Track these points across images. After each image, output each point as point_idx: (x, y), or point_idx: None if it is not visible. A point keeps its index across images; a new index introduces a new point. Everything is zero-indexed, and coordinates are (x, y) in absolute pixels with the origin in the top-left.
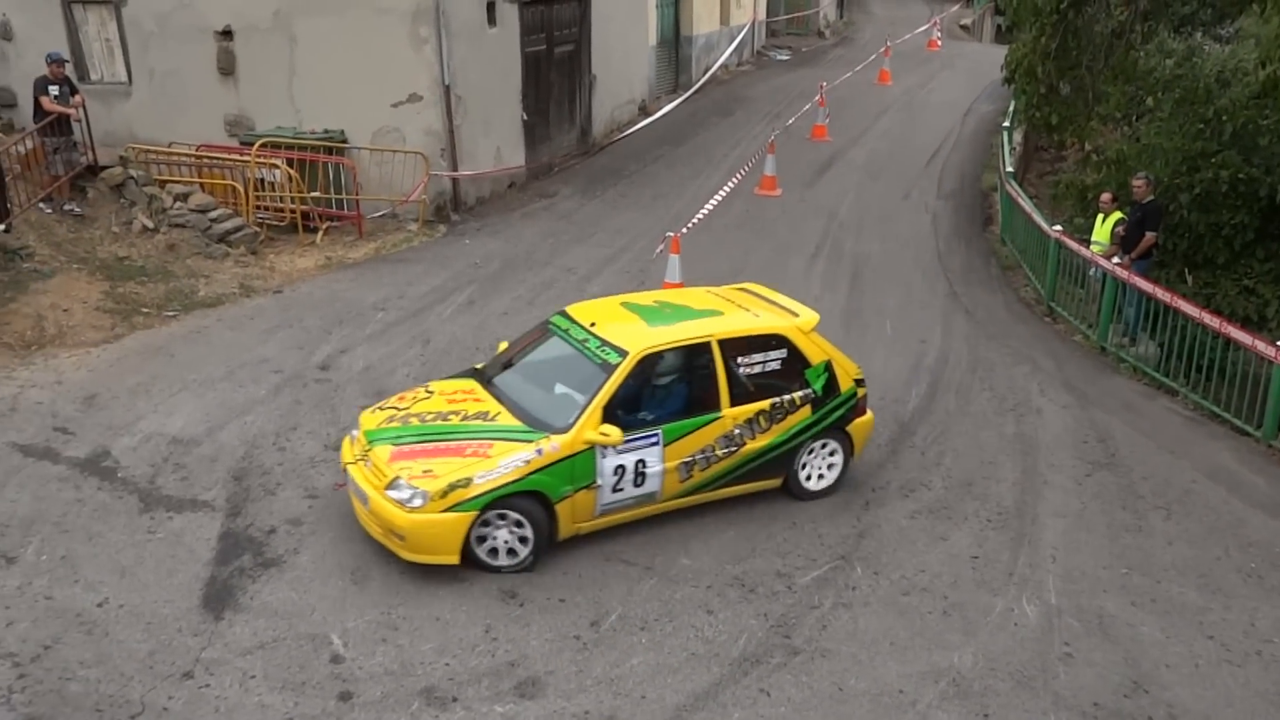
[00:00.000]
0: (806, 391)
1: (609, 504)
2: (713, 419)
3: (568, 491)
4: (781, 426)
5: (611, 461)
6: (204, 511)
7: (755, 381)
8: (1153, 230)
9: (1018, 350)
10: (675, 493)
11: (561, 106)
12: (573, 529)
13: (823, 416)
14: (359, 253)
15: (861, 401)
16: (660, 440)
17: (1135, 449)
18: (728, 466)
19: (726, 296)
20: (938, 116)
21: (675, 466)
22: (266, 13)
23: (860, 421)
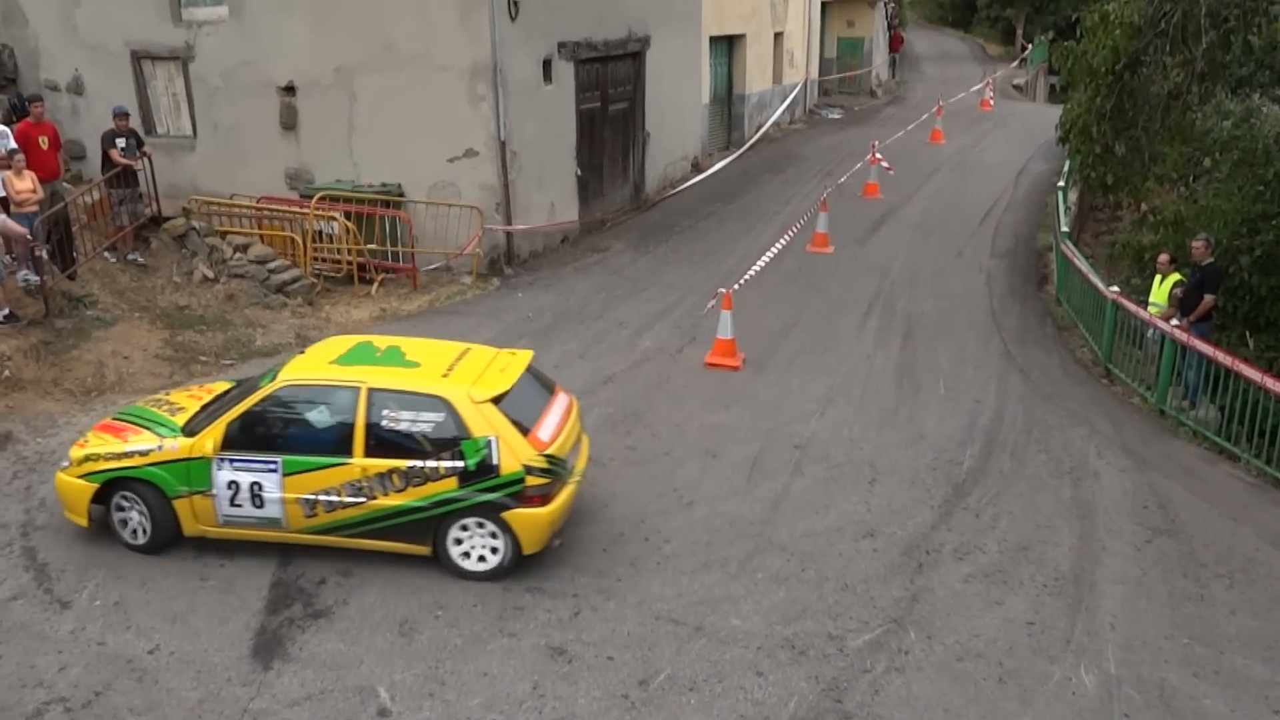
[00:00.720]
0: (456, 463)
1: (230, 516)
2: (340, 464)
3: (184, 492)
4: (420, 491)
5: (225, 475)
6: (256, 559)
7: (400, 439)
8: (1212, 293)
9: (1074, 412)
10: (303, 527)
11: (615, 162)
12: (198, 529)
13: (471, 494)
14: (413, 305)
15: (533, 491)
16: (279, 469)
17: (1196, 515)
18: (356, 516)
19: (475, 357)
20: (991, 176)
21: (296, 499)
22: (328, 69)
23: (528, 514)
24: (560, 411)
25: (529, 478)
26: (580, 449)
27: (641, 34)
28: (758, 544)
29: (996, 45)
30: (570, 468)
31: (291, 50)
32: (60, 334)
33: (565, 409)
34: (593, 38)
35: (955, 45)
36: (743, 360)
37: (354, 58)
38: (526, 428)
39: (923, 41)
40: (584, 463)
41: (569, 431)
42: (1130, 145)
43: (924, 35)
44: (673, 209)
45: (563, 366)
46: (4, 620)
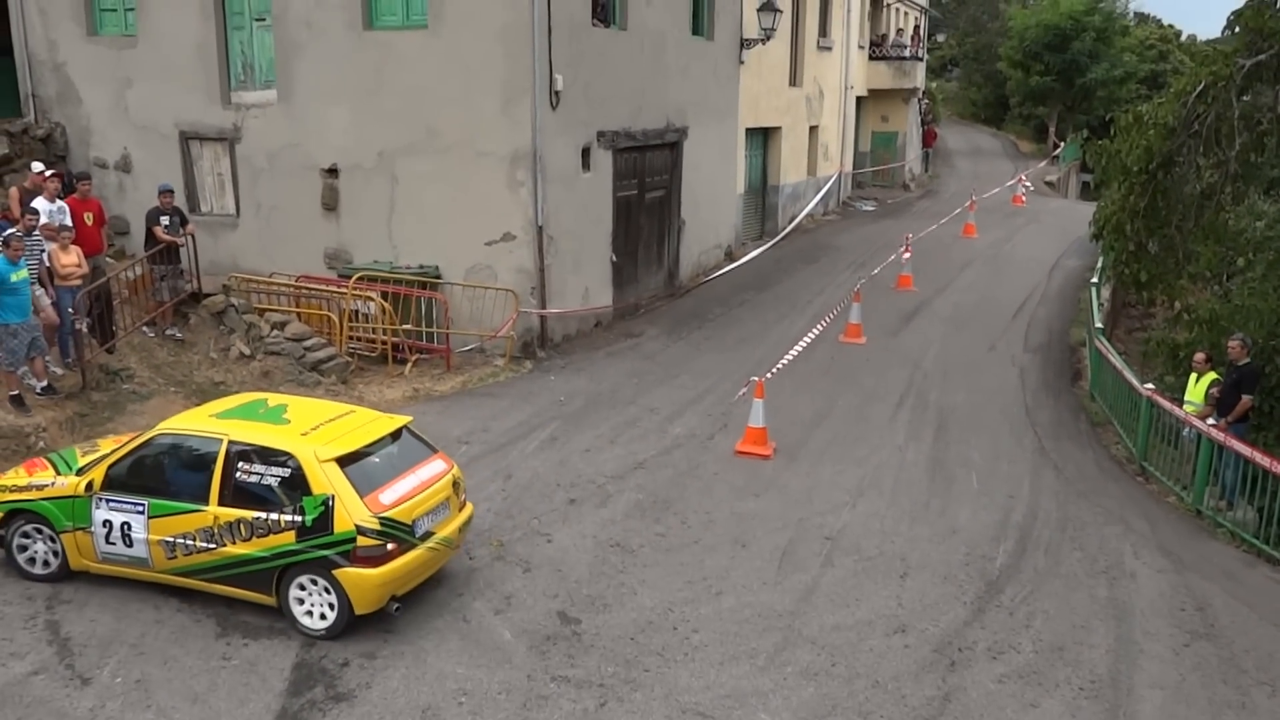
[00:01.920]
0: (295, 518)
1: (107, 553)
2: (196, 510)
3: (69, 526)
4: (262, 542)
5: (101, 514)
6: (279, 640)
7: (251, 490)
8: (1249, 393)
9: (1109, 510)
10: (166, 568)
11: (650, 249)
12: (82, 564)
13: (307, 549)
14: (446, 385)
15: (364, 551)
16: (146, 511)
17: (1236, 619)
18: (209, 561)
19: (349, 420)
20: (1024, 270)
21: (159, 541)
22: (371, 153)
23: (358, 574)
24: (424, 477)
25: (360, 538)
26: (449, 516)
27: (679, 125)
28: (787, 636)
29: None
30: (421, 533)
31: (336, 134)
32: (95, 407)
33: (433, 475)
34: (631, 127)
35: (988, 141)
36: (774, 449)
37: (397, 142)
38: (369, 489)
39: (955, 137)
40: (451, 530)
41: (428, 497)
42: (1164, 243)
43: (957, 131)
44: (706, 296)
45: (594, 451)
46: (24, 695)
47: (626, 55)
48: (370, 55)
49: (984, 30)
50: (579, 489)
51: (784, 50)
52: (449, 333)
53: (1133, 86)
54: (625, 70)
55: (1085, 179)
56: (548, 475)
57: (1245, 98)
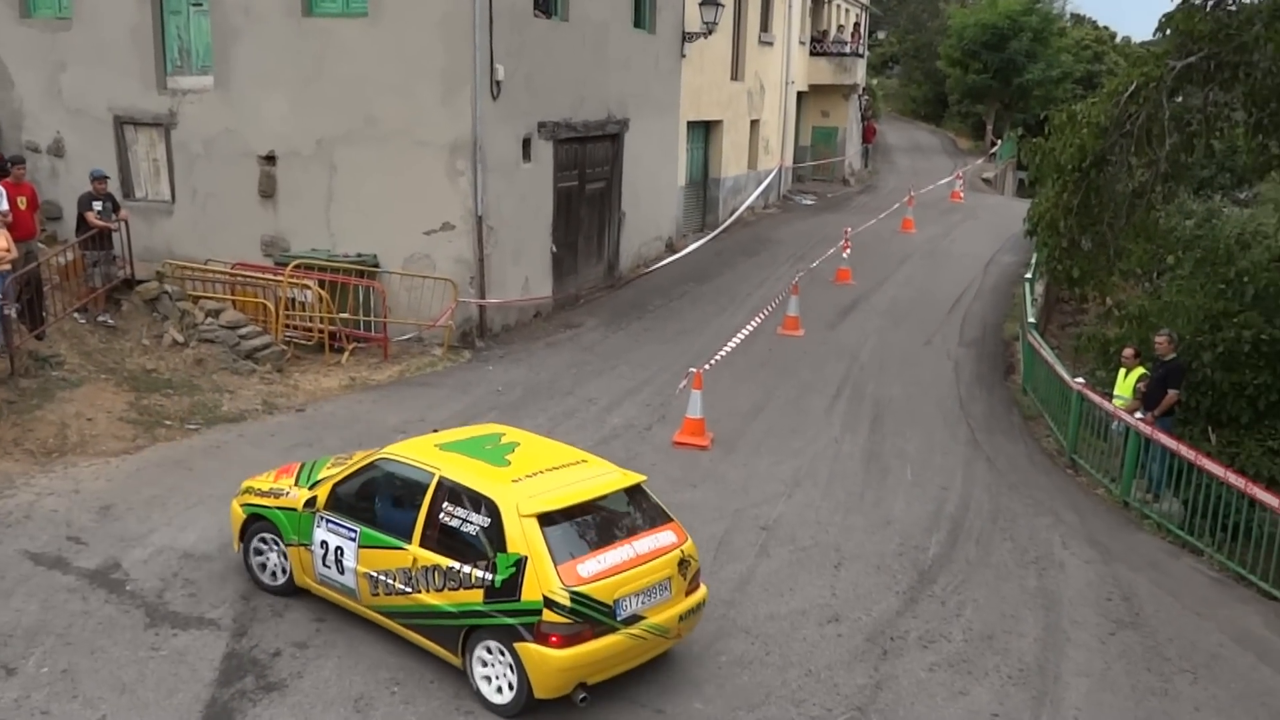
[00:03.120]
0: (486, 575)
1: (323, 576)
2: (398, 547)
3: (295, 541)
4: (453, 596)
5: (320, 535)
6: (210, 630)
7: (452, 535)
8: (1175, 388)
9: (1040, 501)
10: (370, 604)
11: (590, 240)
12: (305, 581)
13: (490, 613)
14: (383, 375)
15: (549, 628)
16: (357, 539)
17: (1160, 609)
18: (405, 606)
19: (577, 470)
20: (960, 266)
21: (365, 574)
22: (310, 140)
23: (539, 652)
24: (643, 549)
25: (546, 611)
26: (667, 600)
27: (620, 117)
28: (722, 626)
29: (967, 139)
30: (625, 616)
31: (274, 121)
32: (24, 394)
33: (655, 549)
34: (572, 119)
35: (927, 138)
36: (711, 440)
37: (336, 130)
38: (569, 555)
39: (895, 133)
40: (668, 616)
41: (641, 574)
42: (1096, 240)
43: (897, 127)
44: (646, 288)
45: None
46: None
47: (568, 46)
48: (309, 42)
49: (924, 28)
50: None
51: (726, 44)
52: (387, 322)
53: (1068, 86)
54: (567, 61)
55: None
56: None
57: (1176, 99)
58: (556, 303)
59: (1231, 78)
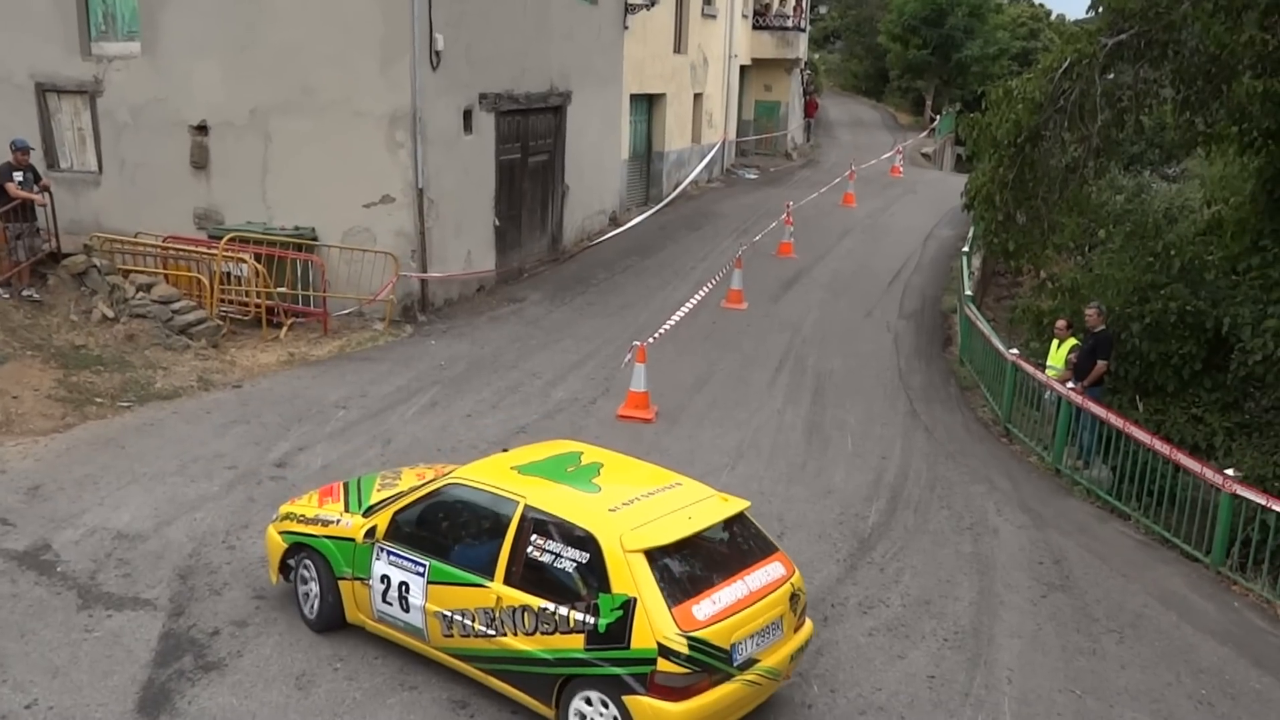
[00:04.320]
0: (587, 618)
1: (382, 613)
2: (478, 584)
3: (348, 574)
4: (547, 641)
5: (380, 568)
6: (145, 610)
7: (543, 572)
8: (1104, 359)
9: (975, 469)
10: (442, 646)
11: (533, 214)
12: (358, 618)
13: (595, 660)
14: (323, 350)
15: (664, 680)
16: (426, 574)
17: (1089, 571)
18: (487, 650)
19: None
20: (900, 239)
21: (436, 613)
22: (243, 110)
23: (651, 706)
24: (755, 585)
25: (661, 661)
26: (780, 640)
27: (563, 89)
28: None
29: (907, 115)
30: (741, 660)
31: (205, 89)
32: None
33: (768, 584)
34: (514, 90)
35: (868, 113)
36: (655, 413)
37: (270, 100)
38: (682, 596)
39: (837, 108)
40: (780, 658)
41: (756, 614)
42: (1030, 214)
43: (838, 102)
44: (590, 262)
45: (475, 416)
46: None
47: (509, 17)
48: (242, 8)
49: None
50: (460, 454)
51: (669, 17)
52: (326, 296)
53: (1005, 63)
54: (508, 32)
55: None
56: (428, 440)
57: (1108, 76)
58: (500, 276)
59: (1160, 55)
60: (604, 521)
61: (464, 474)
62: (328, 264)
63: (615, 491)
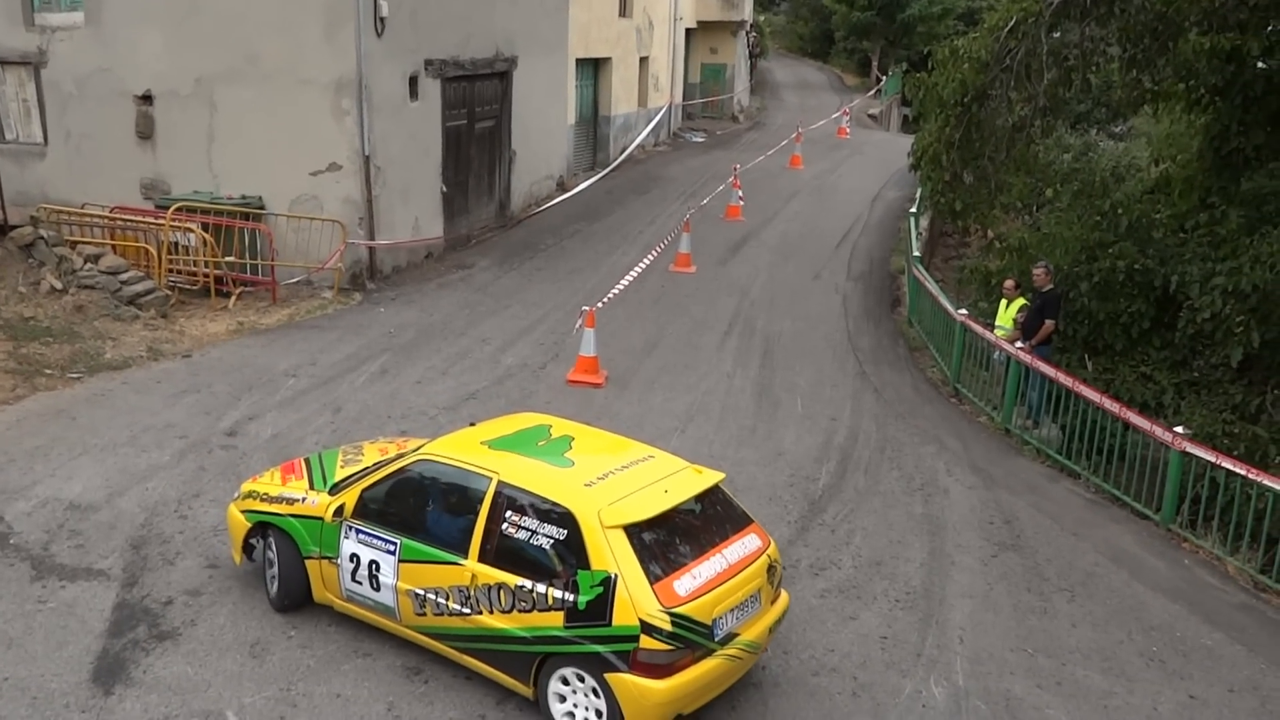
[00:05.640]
0: (566, 595)
1: (351, 592)
2: (452, 562)
3: (315, 553)
4: (524, 619)
5: (349, 547)
6: (99, 581)
7: (518, 549)
8: (1052, 318)
9: (925, 430)
10: (414, 625)
11: (481, 180)
12: (326, 597)
13: (575, 638)
14: (272, 319)
15: (646, 657)
16: (397, 552)
17: (1040, 531)
18: (461, 628)
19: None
20: (847, 201)
21: (408, 591)
22: (188, 79)
23: (634, 684)
24: (733, 558)
25: (644, 638)
26: (759, 613)
27: (509, 54)
28: None
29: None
30: (722, 635)
31: (150, 59)
32: None
33: (745, 556)
34: (460, 56)
35: (814, 75)
36: (605, 378)
37: (215, 68)
38: (663, 571)
39: (783, 70)
40: (759, 631)
41: (736, 587)
42: (978, 174)
43: (784, 64)
44: (538, 227)
45: (425, 383)
46: None
47: None
48: None
49: None
50: (410, 421)
51: None
52: (274, 265)
53: (950, 23)
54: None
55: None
56: (378, 408)
57: (1054, 34)
58: (448, 243)
59: (1107, 13)
60: (580, 497)
61: (434, 450)
62: (275, 232)
63: (589, 465)
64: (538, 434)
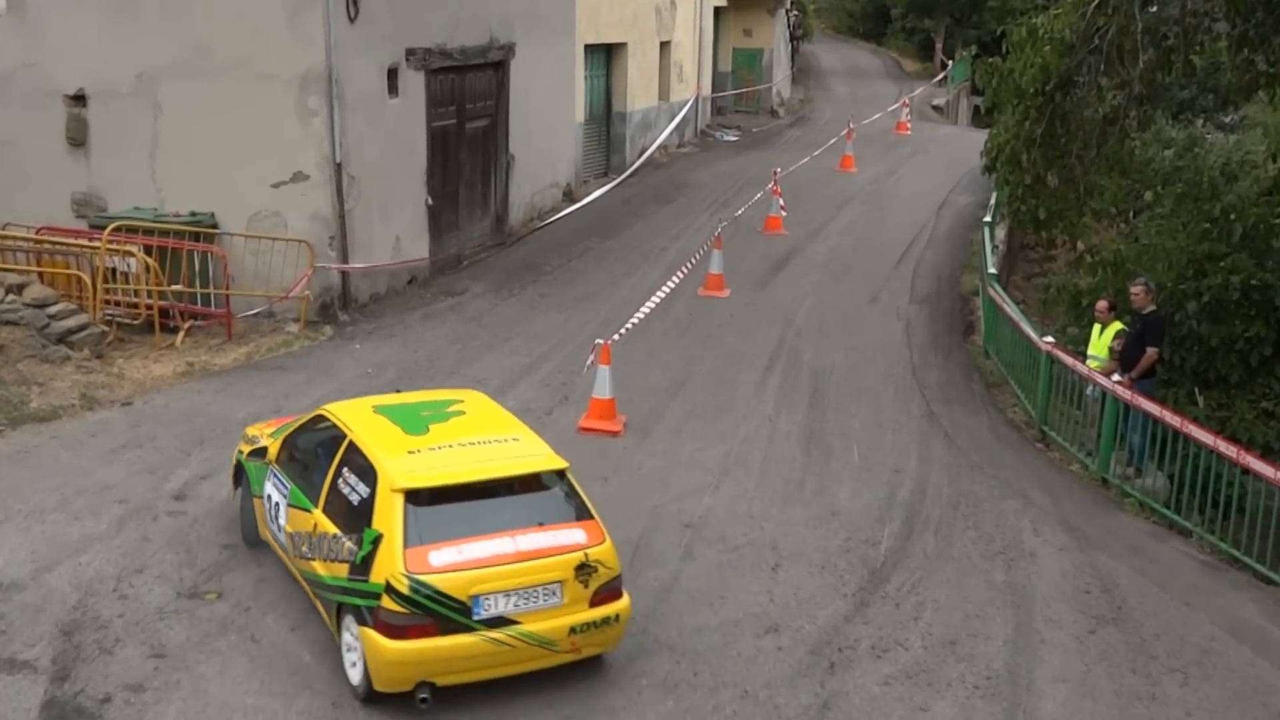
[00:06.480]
0: (353, 549)
1: (271, 531)
2: (307, 510)
3: (257, 491)
4: (333, 568)
5: (268, 488)
6: (24, 674)
7: (345, 502)
8: (1154, 345)
9: (1006, 482)
10: (294, 566)
11: (473, 190)
12: (264, 534)
13: (350, 590)
14: (228, 358)
15: (386, 616)
16: (288, 498)
17: (1145, 600)
18: (307, 572)
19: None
20: (909, 209)
21: (290, 534)
22: (128, 76)
23: (373, 640)
24: (528, 546)
25: (385, 597)
26: (553, 607)
27: (505, 40)
28: (641, 643)
29: (913, 61)
30: (486, 616)
31: (83, 52)
32: None
33: (545, 547)
34: (447, 44)
35: (867, 59)
36: (623, 424)
37: (159, 62)
38: (426, 540)
39: (831, 55)
40: (552, 626)
41: (515, 573)
42: (1064, 176)
43: (832, 48)
44: (541, 245)
45: None
46: None
47: None
48: None
49: None
50: None
51: None
52: (229, 294)
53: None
54: None
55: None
56: None
57: (1150, 8)
58: (434, 265)
59: None
60: (392, 460)
61: (329, 406)
62: (231, 256)
63: (442, 436)
64: (437, 405)
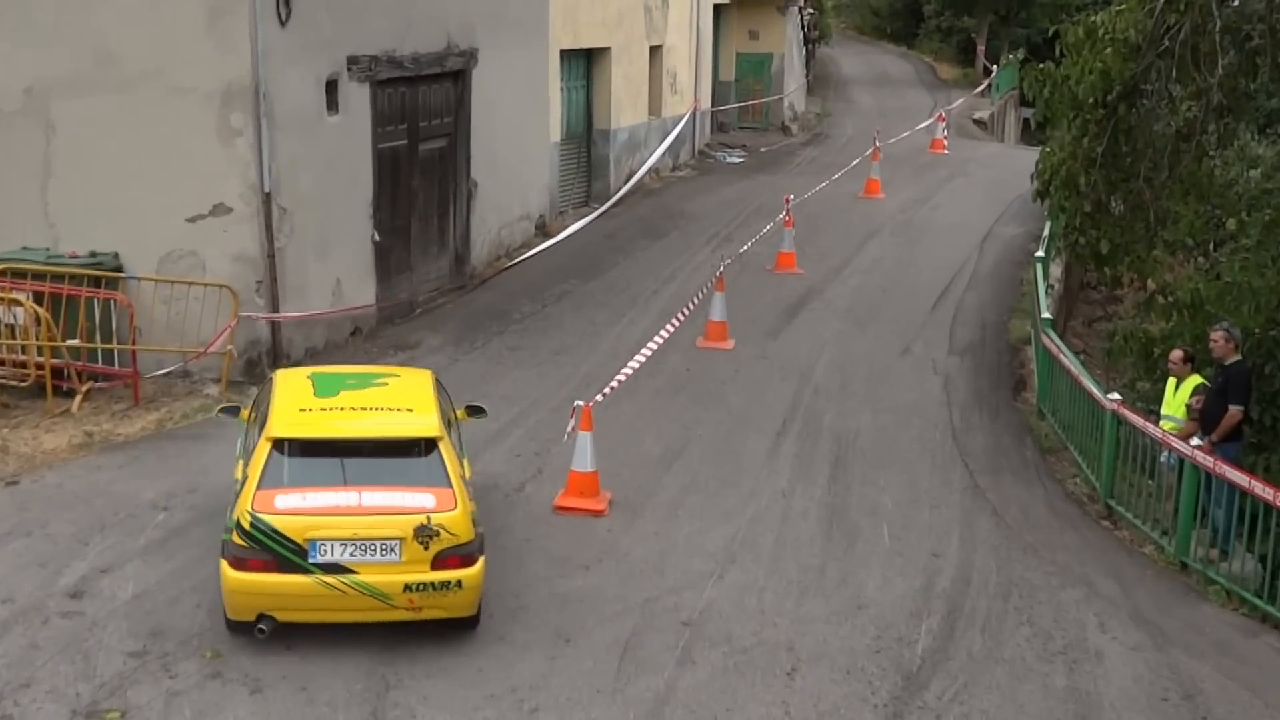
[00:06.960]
0: (238, 491)
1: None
2: (238, 461)
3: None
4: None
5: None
6: None
7: (246, 452)
8: (1238, 402)
9: (1067, 567)
10: None
11: (428, 223)
12: None
13: (226, 526)
14: (134, 427)
15: (229, 549)
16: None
17: (1234, 709)
18: None
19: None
20: (947, 242)
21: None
22: (14, 90)
23: (223, 568)
24: (370, 503)
25: (233, 532)
26: (392, 562)
27: (466, 46)
28: None
29: (951, 66)
30: (322, 560)
31: None
32: None
33: (387, 506)
34: (397, 51)
35: (896, 65)
36: (608, 501)
37: (52, 73)
38: (277, 485)
39: (852, 60)
40: (388, 580)
41: (352, 525)
42: (1130, 202)
43: (854, 51)
44: (510, 288)
45: None
46: None
47: None
48: None
49: None
50: None
51: None
52: (137, 350)
53: None
54: None
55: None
56: None
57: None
58: (382, 313)
59: None
60: (280, 414)
61: (278, 372)
62: (138, 304)
63: (347, 400)
64: (368, 377)
